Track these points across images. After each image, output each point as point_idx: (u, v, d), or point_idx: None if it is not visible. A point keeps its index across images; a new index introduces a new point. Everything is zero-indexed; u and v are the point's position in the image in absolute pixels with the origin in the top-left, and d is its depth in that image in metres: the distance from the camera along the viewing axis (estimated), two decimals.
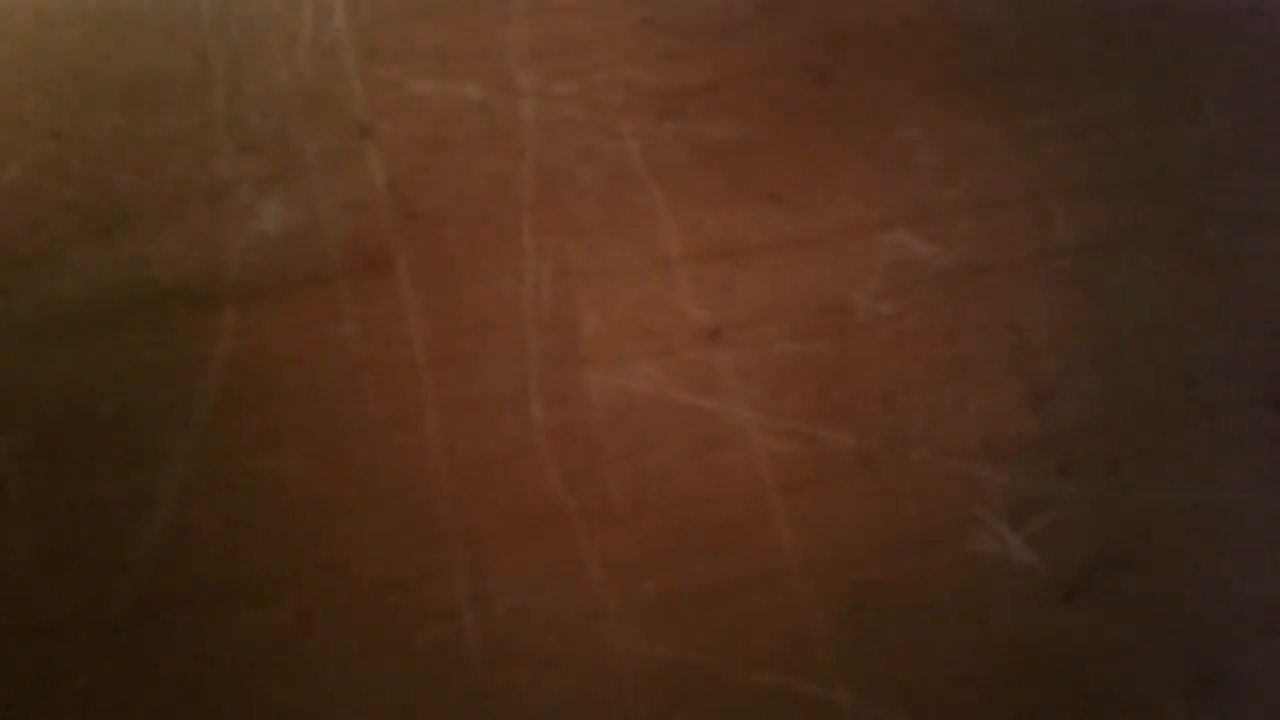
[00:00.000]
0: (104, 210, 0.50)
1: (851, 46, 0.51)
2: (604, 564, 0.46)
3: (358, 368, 0.49)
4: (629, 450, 0.48)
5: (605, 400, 0.48)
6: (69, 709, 0.44)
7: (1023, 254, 0.49)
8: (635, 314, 0.49)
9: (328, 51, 0.51)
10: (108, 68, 0.50)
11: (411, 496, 0.47)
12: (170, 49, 0.51)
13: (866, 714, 0.43)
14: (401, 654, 0.45)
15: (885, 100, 0.50)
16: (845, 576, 0.45)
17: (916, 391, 0.48)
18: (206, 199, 0.50)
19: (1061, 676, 0.44)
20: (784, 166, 0.50)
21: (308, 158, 0.50)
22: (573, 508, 0.47)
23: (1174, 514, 0.46)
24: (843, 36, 0.51)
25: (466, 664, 0.44)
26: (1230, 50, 0.50)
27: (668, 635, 0.45)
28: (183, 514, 0.47)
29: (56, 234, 0.50)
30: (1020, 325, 0.49)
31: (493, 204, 0.50)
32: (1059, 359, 0.49)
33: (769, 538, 0.46)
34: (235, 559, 0.46)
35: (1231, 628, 0.45)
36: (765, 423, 0.48)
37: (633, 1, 0.51)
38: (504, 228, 0.50)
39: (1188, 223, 0.51)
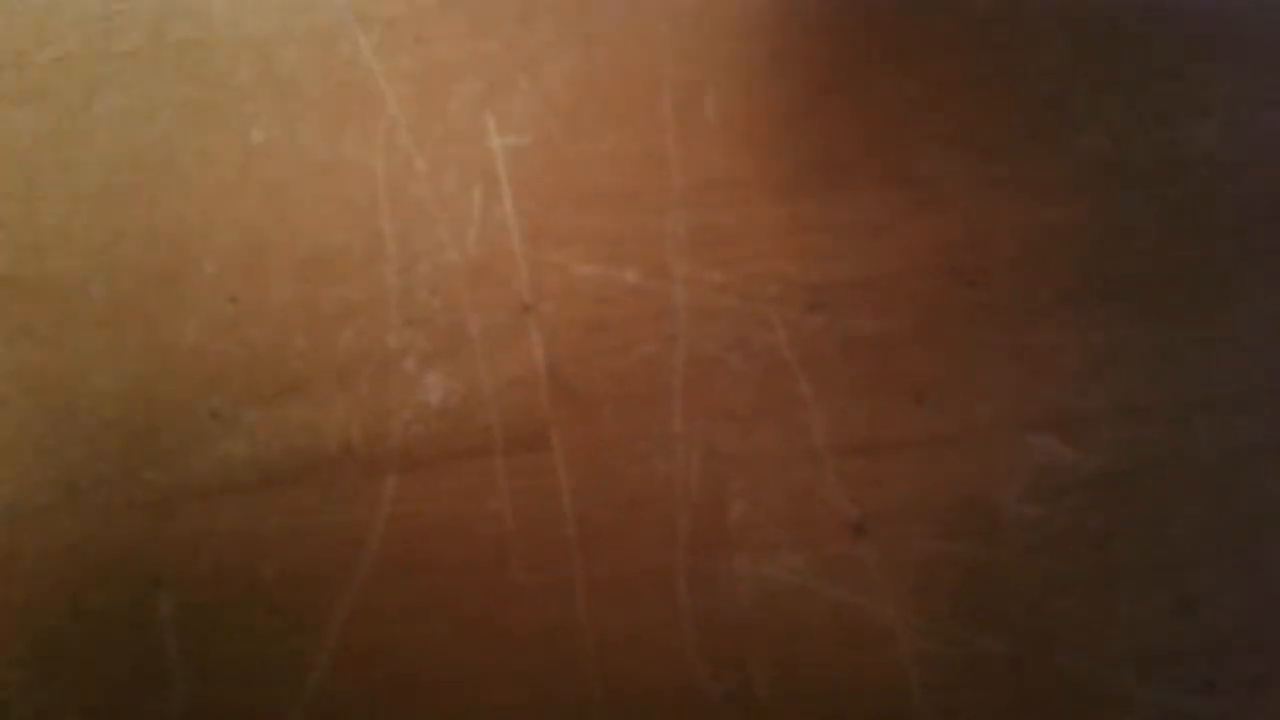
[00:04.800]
0: (277, 374, 0.52)
1: (998, 249, 0.52)
2: None
3: (510, 540, 0.51)
4: (774, 640, 0.49)
5: (751, 588, 0.49)
6: None
7: (1167, 463, 0.50)
8: (782, 503, 0.50)
9: (495, 233, 0.53)
10: (285, 239, 0.53)
11: (559, 671, 0.48)
12: (346, 224, 0.53)
13: None
14: None
15: (1030, 303, 0.52)
16: None
17: (1064, 597, 0.49)
18: (374, 369, 0.52)
19: None
20: (930, 364, 0.51)
21: (471, 333, 0.52)
22: (717, 694, 0.48)
23: None
24: (990, 240, 0.52)
25: None
26: None
27: None
28: (336, 677, 0.48)
29: (231, 395, 0.52)
30: (1166, 535, 0.49)
31: (646, 386, 0.52)
32: (1205, 570, 0.49)
33: None
34: None
35: None
36: (911, 621, 0.49)
37: (783, 198, 0.53)
38: (656, 410, 0.51)
39: None
